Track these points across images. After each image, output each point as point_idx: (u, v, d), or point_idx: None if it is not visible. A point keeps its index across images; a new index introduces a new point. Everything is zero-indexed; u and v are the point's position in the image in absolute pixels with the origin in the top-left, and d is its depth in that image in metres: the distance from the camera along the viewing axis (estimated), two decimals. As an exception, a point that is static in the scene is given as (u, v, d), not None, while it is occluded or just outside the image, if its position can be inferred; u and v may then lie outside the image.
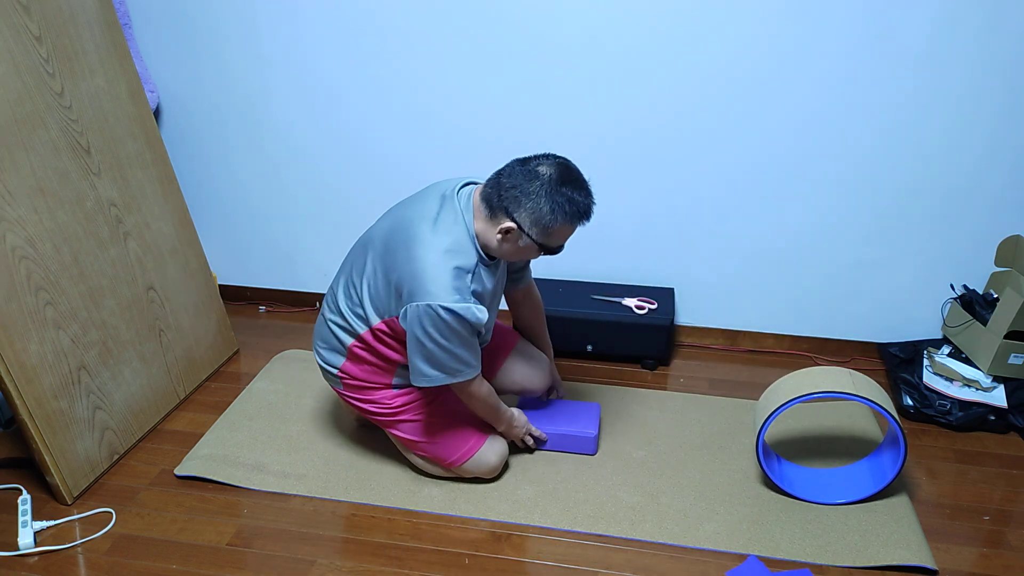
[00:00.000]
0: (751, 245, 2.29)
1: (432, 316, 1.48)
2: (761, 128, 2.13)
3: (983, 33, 1.92)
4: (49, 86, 1.73)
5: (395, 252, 1.55)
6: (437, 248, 1.50)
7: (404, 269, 1.52)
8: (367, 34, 2.20)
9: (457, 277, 1.50)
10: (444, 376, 1.58)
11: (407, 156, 2.37)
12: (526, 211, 1.49)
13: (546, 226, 1.51)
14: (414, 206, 1.60)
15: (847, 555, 1.59)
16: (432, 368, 1.56)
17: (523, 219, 1.50)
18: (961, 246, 2.19)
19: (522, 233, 1.52)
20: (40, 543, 1.63)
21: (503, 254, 1.57)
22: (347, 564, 1.59)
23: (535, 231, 1.51)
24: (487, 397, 1.70)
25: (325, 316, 1.74)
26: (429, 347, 1.52)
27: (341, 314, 1.69)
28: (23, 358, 1.63)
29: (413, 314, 1.50)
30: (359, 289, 1.64)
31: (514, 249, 1.56)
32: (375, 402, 1.74)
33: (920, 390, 2.07)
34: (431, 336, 1.51)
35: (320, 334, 1.77)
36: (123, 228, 1.94)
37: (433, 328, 1.49)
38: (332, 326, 1.71)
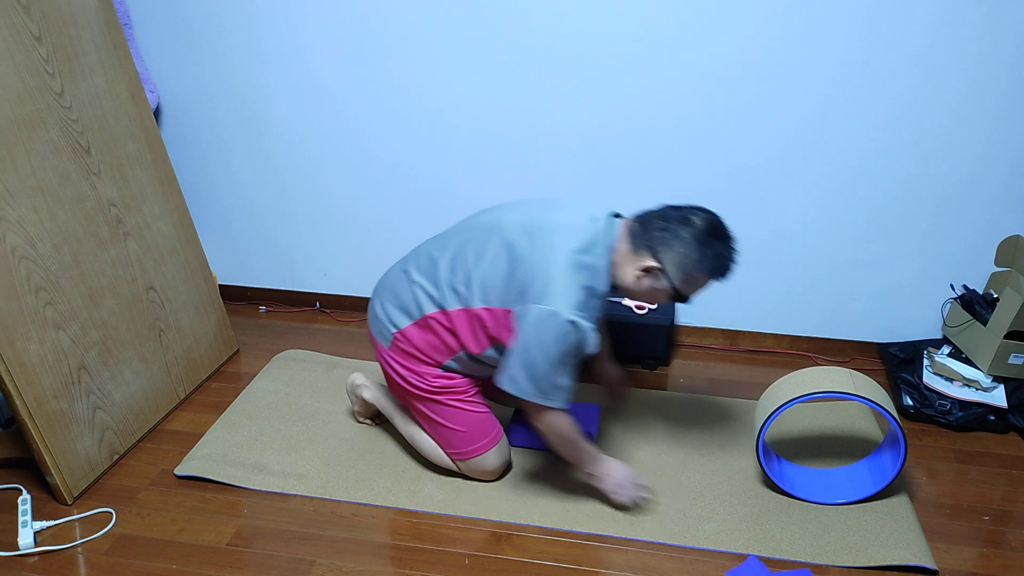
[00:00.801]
0: (751, 244, 2.29)
1: (556, 324, 1.45)
2: (760, 127, 2.13)
3: (984, 31, 1.92)
4: (49, 86, 1.73)
5: (532, 251, 1.52)
6: (576, 263, 1.49)
7: (538, 269, 1.49)
8: (367, 34, 2.20)
9: (588, 297, 1.49)
10: (535, 392, 1.52)
11: (407, 156, 2.37)
12: (674, 254, 1.50)
13: (689, 274, 1.51)
14: (558, 213, 1.57)
15: (847, 555, 1.59)
16: (527, 379, 1.51)
17: (668, 261, 1.51)
18: (961, 246, 2.19)
19: (663, 275, 1.52)
20: (40, 543, 1.63)
21: (634, 291, 1.57)
22: (347, 564, 1.59)
23: (677, 276, 1.52)
24: (569, 433, 1.61)
25: (412, 276, 1.67)
26: (535, 355, 1.49)
27: (436, 283, 1.63)
28: (23, 358, 1.63)
29: (536, 316, 1.47)
30: (470, 268, 1.59)
31: (649, 290, 1.55)
32: (417, 374, 1.70)
33: (920, 390, 2.07)
34: (544, 344, 1.47)
35: (393, 290, 1.71)
36: (123, 228, 1.94)
37: (551, 336, 1.46)
38: (417, 289, 1.65)
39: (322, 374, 2.26)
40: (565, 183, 2.30)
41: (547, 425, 1.59)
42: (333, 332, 2.56)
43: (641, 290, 1.56)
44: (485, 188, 2.35)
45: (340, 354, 2.40)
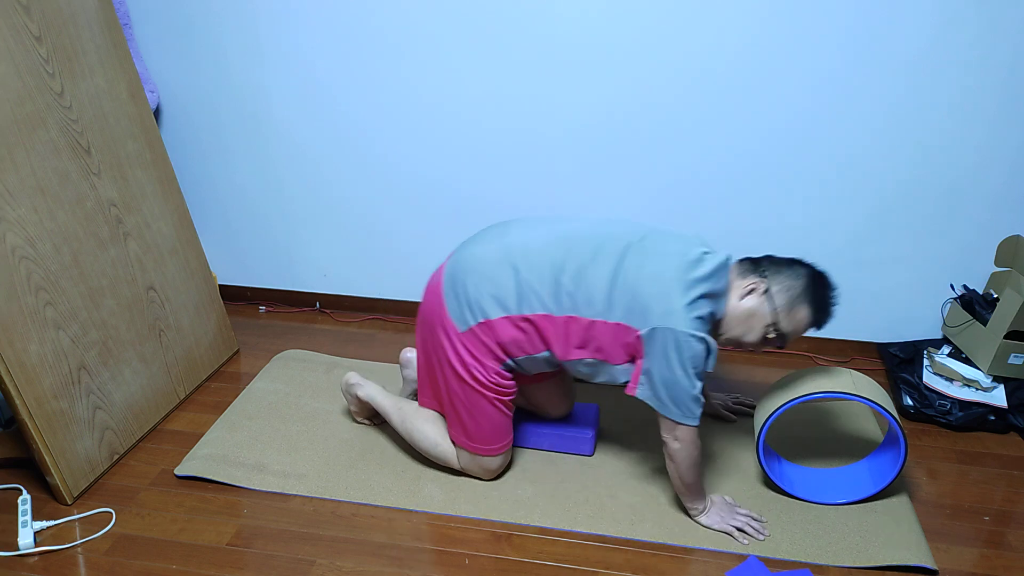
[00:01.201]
0: (750, 244, 2.29)
1: (690, 343, 1.48)
2: (760, 127, 2.13)
3: (984, 31, 1.92)
4: (49, 86, 1.73)
5: (657, 272, 1.52)
6: (699, 288, 1.51)
7: (663, 290, 1.50)
8: (366, 34, 2.20)
9: (708, 320, 1.54)
10: (676, 410, 1.54)
11: (407, 155, 2.37)
12: (782, 284, 1.56)
13: (793, 305, 1.55)
14: (674, 242, 1.59)
15: (847, 555, 1.59)
16: (668, 397, 1.53)
17: (775, 284, 1.55)
18: (961, 246, 2.19)
19: (767, 298, 1.55)
20: (40, 543, 1.63)
21: (732, 317, 1.58)
22: (347, 564, 1.59)
23: (781, 302, 1.55)
24: (698, 451, 1.61)
25: (521, 273, 1.60)
26: (675, 374, 1.50)
27: (552, 286, 1.58)
28: (23, 358, 1.63)
29: (669, 336, 1.48)
30: (591, 281, 1.56)
31: (747, 312, 1.56)
32: (481, 365, 1.65)
33: (920, 390, 2.07)
34: (681, 363, 1.49)
35: (493, 278, 1.61)
36: (123, 228, 1.94)
37: (687, 355, 1.49)
38: (526, 287, 1.59)
39: (322, 374, 2.26)
40: (568, 179, 2.30)
41: (682, 441, 1.58)
42: (333, 332, 2.56)
43: (740, 312, 1.57)
44: (485, 187, 2.35)
45: (340, 354, 2.40)
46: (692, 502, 1.66)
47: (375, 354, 2.41)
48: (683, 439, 1.58)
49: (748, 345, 1.61)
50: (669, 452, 1.61)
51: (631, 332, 1.55)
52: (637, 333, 1.53)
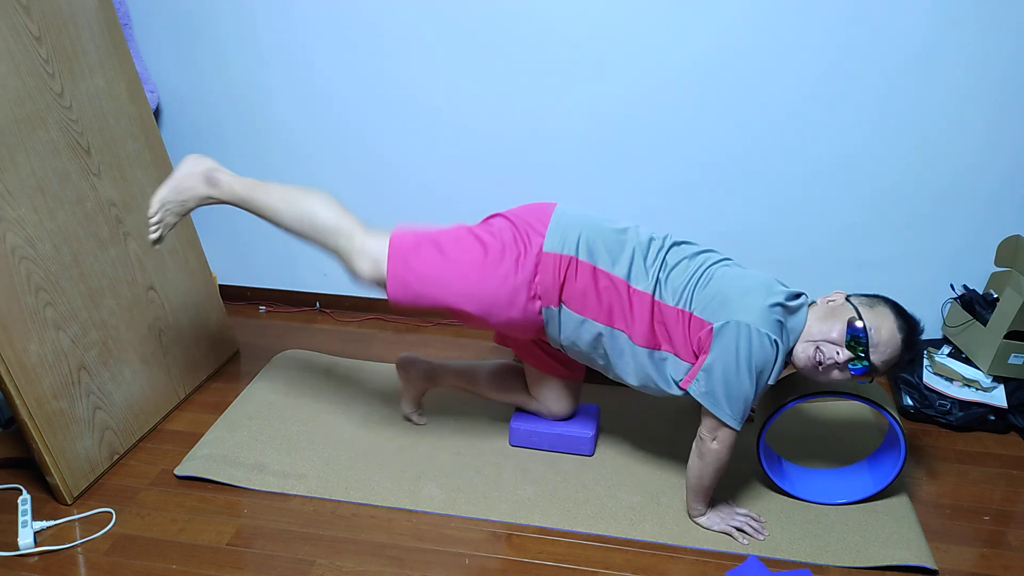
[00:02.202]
0: (750, 244, 2.29)
1: (759, 339, 1.45)
2: (758, 127, 2.13)
3: (981, 29, 1.92)
4: (49, 86, 1.73)
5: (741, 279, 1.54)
6: (774, 299, 1.50)
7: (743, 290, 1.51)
8: (366, 35, 2.21)
9: (779, 329, 1.49)
10: (728, 410, 1.50)
11: (407, 155, 2.37)
12: (870, 308, 1.51)
13: (874, 305, 1.51)
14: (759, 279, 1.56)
15: (847, 555, 1.59)
16: (724, 395, 1.49)
17: (860, 305, 1.51)
18: (961, 246, 2.19)
19: (849, 302, 1.52)
20: (40, 543, 1.63)
21: (810, 322, 1.53)
22: (347, 564, 1.59)
23: (860, 300, 1.52)
24: (728, 458, 1.58)
25: (626, 236, 1.60)
26: (738, 370, 1.47)
27: (643, 258, 1.58)
28: (23, 358, 1.63)
29: (738, 329, 1.46)
30: (680, 270, 1.58)
31: (825, 312, 1.52)
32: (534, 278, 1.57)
33: (920, 390, 2.07)
34: (747, 359, 1.46)
35: (603, 233, 1.59)
36: (123, 228, 1.94)
37: (755, 351, 1.45)
38: (627, 250, 1.58)
39: (322, 374, 2.26)
40: (568, 181, 2.30)
41: (720, 443, 1.55)
42: (333, 332, 2.56)
43: (820, 311, 1.54)
44: (485, 187, 2.35)
45: (340, 354, 2.40)
46: (697, 503, 1.66)
47: (375, 354, 2.41)
48: (721, 441, 1.55)
49: (829, 356, 1.49)
50: (702, 450, 1.58)
51: (704, 325, 1.52)
52: (710, 326, 1.50)
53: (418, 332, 2.57)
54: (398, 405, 2.10)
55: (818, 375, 1.53)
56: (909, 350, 1.51)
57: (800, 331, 1.53)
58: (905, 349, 1.50)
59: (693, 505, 1.67)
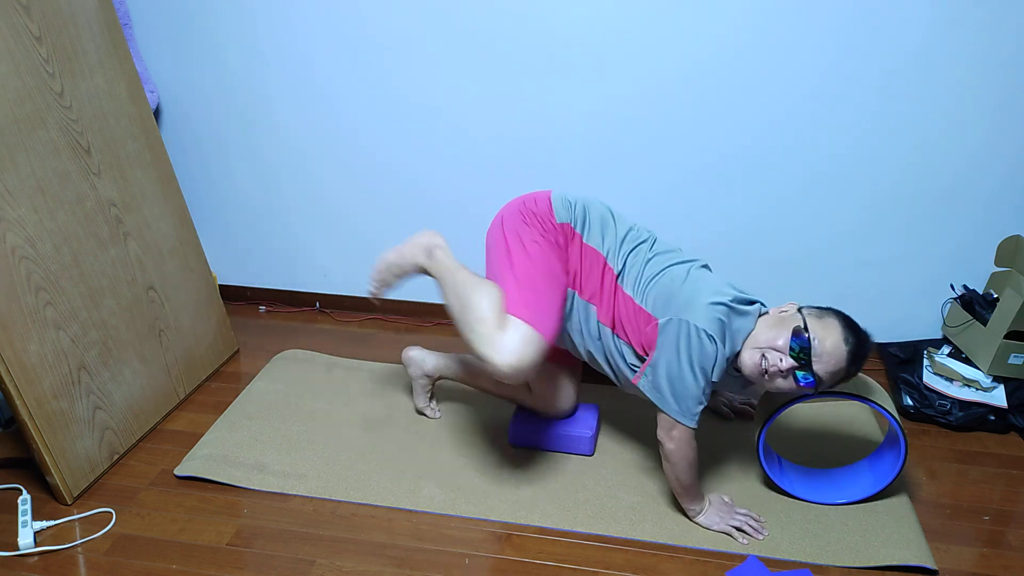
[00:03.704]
0: (749, 244, 2.29)
1: (700, 338, 1.47)
2: (757, 126, 2.13)
3: (981, 28, 1.92)
4: (49, 86, 1.73)
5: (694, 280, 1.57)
6: (719, 298, 1.52)
7: (691, 291, 1.54)
8: (366, 35, 2.21)
9: (719, 327, 1.50)
10: (675, 406, 1.53)
11: (406, 155, 2.37)
12: (815, 317, 1.52)
13: (823, 316, 1.52)
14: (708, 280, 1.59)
15: (847, 555, 1.59)
16: (670, 392, 1.53)
17: (811, 318, 1.51)
18: (961, 246, 2.19)
19: (799, 312, 1.53)
20: (40, 543, 1.63)
21: (758, 328, 1.54)
22: (347, 564, 1.59)
23: (811, 311, 1.53)
24: (693, 455, 1.59)
25: (615, 214, 1.72)
26: (680, 367, 1.50)
27: (616, 238, 1.67)
28: (23, 358, 1.63)
29: (679, 328, 1.49)
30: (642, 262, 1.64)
31: (774, 321, 1.53)
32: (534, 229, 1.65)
33: (920, 390, 2.07)
34: (689, 357, 1.49)
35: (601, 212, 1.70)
36: (123, 228, 1.94)
37: (695, 350, 1.48)
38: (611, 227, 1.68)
39: (322, 374, 2.26)
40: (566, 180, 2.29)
41: (676, 441, 1.57)
42: (333, 332, 2.56)
43: (770, 318, 1.55)
44: (484, 187, 2.35)
45: (340, 354, 2.40)
46: (690, 503, 1.66)
47: (375, 354, 2.41)
48: (678, 439, 1.57)
49: (772, 363, 1.50)
50: (664, 452, 1.60)
51: (651, 320, 1.57)
52: (655, 322, 1.55)
53: (418, 332, 2.57)
54: (408, 403, 2.10)
55: (764, 382, 1.54)
56: (855, 363, 1.51)
57: (746, 335, 1.55)
58: (851, 362, 1.50)
59: (687, 506, 1.67)
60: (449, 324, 2.59)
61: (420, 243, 1.76)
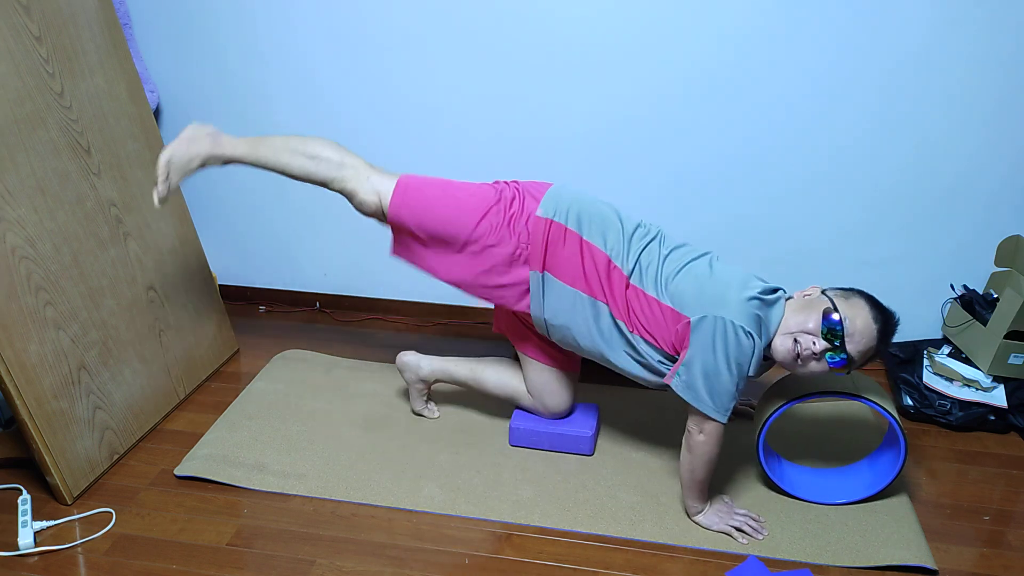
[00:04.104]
0: (749, 244, 2.29)
1: (736, 333, 1.47)
2: (757, 126, 2.13)
3: (983, 29, 1.92)
4: (49, 86, 1.73)
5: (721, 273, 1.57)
6: (750, 293, 1.52)
7: (722, 286, 1.53)
8: (366, 35, 2.21)
9: (755, 323, 1.50)
10: (710, 403, 1.51)
11: (406, 156, 2.37)
12: (844, 300, 1.52)
13: (849, 296, 1.52)
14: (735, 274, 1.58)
15: (847, 555, 1.59)
16: (705, 388, 1.51)
17: (838, 299, 1.52)
18: (961, 246, 2.19)
19: (824, 294, 1.54)
20: (40, 543, 1.63)
21: (787, 315, 1.54)
22: (347, 564, 1.59)
23: (835, 293, 1.53)
24: (717, 451, 1.58)
25: (620, 214, 1.69)
26: (716, 364, 1.49)
27: (628, 240, 1.64)
28: (23, 358, 1.63)
29: (715, 325, 1.48)
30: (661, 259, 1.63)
31: (801, 305, 1.54)
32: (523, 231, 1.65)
33: (920, 390, 2.07)
34: (725, 353, 1.48)
35: (601, 210, 1.68)
36: (123, 228, 1.94)
37: (732, 346, 1.48)
38: (615, 227, 1.65)
39: (322, 374, 2.26)
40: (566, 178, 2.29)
41: (707, 435, 1.56)
42: (333, 332, 2.56)
43: (796, 303, 1.55)
44: (485, 188, 2.35)
45: (340, 354, 2.40)
46: (693, 500, 1.66)
47: (375, 354, 2.41)
48: (709, 433, 1.56)
49: (806, 347, 1.50)
50: (690, 443, 1.59)
51: (680, 318, 1.55)
52: (687, 320, 1.53)
53: (418, 332, 2.57)
54: (408, 404, 2.10)
55: (797, 367, 1.55)
56: (884, 340, 1.53)
57: (778, 324, 1.55)
58: (880, 339, 1.52)
59: (690, 503, 1.67)
60: (450, 323, 2.59)
61: (196, 135, 1.74)
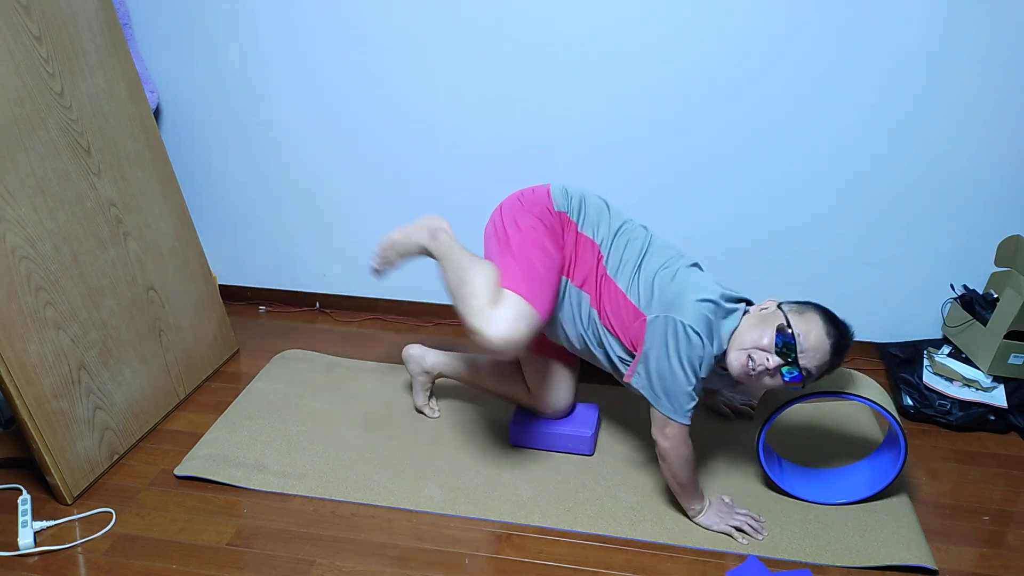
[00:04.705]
0: (748, 245, 2.29)
1: (687, 334, 1.48)
2: (756, 125, 2.13)
3: (982, 28, 1.92)
4: (49, 86, 1.73)
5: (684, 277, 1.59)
6: (706, 295, 1.53)
7: (681, 287, 1.55)
8: (366, 36, 2.21)
9: (705, 324, 1.50)
10: (667, 403, 1.53)
11: (406, 156, 2.37)
12: (799, 313, 1.52)
13: (803, 311, 1.52)
14: (697, 278, 1.59)
15: (847, 555, 1.59)
16: (661, 389, 1.53)
17: (792, 314, 1.52)
18: (961, 246, 2.19)
19: (780, 309, 1.54)
20: (40, 543, 1.63)
21: (742, 328, 1.55)
22: (347, 564, 1.59)
23: (791, 307, 1.54)
24: (688, 452, 1.59)
25: (611, 205, 1.75)
26: (670, 363, 1.51)
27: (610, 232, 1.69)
28: (23, 358, 1.63)
29: (666, 324, 1.50)
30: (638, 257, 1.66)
31: (757, 320, 1.54)
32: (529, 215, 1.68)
33: (920, 390, 2.07)
34: (677, 353, 1.49)
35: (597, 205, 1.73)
36: (123, 228, 1.94)
37: (683, 346, 1.49)
38: (606, 220, 1.70)
39: (322, 374, 2.26)
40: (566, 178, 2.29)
41: (670, 439, 1.57)
42: (333, 332, 2.56)
43: (752, 318, 1.55)
44: (484, 187, 2.35)
45: (340, 354, 2.40)
46: (689, 502, 1.66)
47: (375, 354, 2.41)
48: (672, 437, 1.57)
49: (759, 363, 1.50)
50: (660, 451, 1.60)
51: (639, 316, 1.58)
52: (643, 319, 1.56)
53: (418, 332, 2.57)
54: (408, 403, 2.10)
55: (751, 382, 1.55)
56: (838, 353, 1.52)
57: (730, 334, 1.56)
58: (834, 353, 1.51)
59: (686, 505, 1.67)
60: (449, 324, 2.59)
61: (425, 225, 1.81)
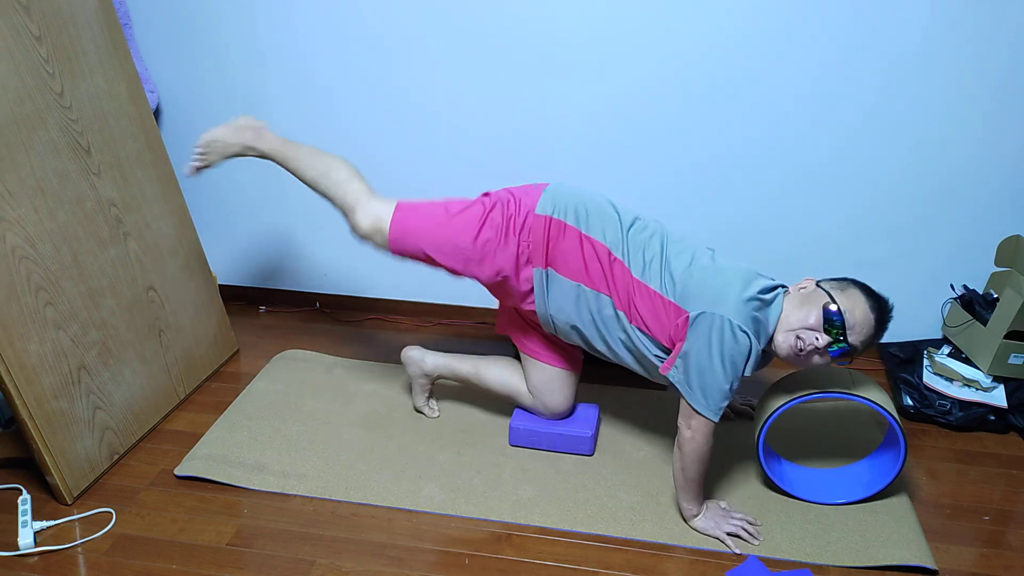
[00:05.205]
0: (748, 244, 2.29)
1: (732, 331, 1.48)
2: (756, 125, 2.13)
3: (982, 28, 1.92)
4: (49, 86, 1.73)
5: (722, 268, 1.59)
6: (751, 292, 1.52)
7: (718, 282, 1.54)
8: (366, 35, 2.21)
9: (752, 323, 1.50)
10: (701, 398, 1.52)
11: (405, 156, 2.37)
12: (841, 291, 1.53)
13: (844, 288, 1.53)
14: (738, 271, 1.58)
15: (847, 555, 1.59)
16: (698, 383, 1.52)
17: (835, 292, 1.53)
18: (961, 246, 2.19)
19: (820, 288, 1.54)
20: (40, 543, 1.63)
21: (786, 311, 1.55)
22: (347, 564, 1.59)
23: (831, 285, 1.54)
24: (707, 449, 1.58)
25: (618, 208, 1.70)
26: (711, 359, 1.50)
27: (626, 233, 1.66)
28: (23, 358, 1.63)
29: (711, 320, 1.49)
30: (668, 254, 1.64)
31: (800, 300, 1.54)
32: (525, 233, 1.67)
33: (920, 390, 2.07)
34: (720, 349, 1.48)
35: (600, 206, 1.69)
36: (123, 228, 1.94)
37: (727, 343, 1.48)
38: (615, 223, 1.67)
39: (322, 374, 2.26)
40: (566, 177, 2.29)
41: (694, 431, 1.56)
42: (333, 332, 2.56)
43: (794, 299, 1.56)
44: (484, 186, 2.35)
45: (340, 354, 2.40)
46: (687, 501, 1.66)
47: (375, 354, 2.41)
48: (696, 430, 1.56)
49: (809, 343, 1.51)
50: (680, 440, 1.60)
51: (680, 312, 1.56)
52: (686, 315, 1.54)
53: (418, 332, 2.57)
54: (408, 403, 2.10)
55: (799, 362, 1.56)
56: (881, 327, 1.55)
57: (777, 321, 1.56)
58: (877, 327, 1.54)
59: (684, 504, 1.66)
60: (450, 324, 2.59)
61: (246, 124, 1.86)
